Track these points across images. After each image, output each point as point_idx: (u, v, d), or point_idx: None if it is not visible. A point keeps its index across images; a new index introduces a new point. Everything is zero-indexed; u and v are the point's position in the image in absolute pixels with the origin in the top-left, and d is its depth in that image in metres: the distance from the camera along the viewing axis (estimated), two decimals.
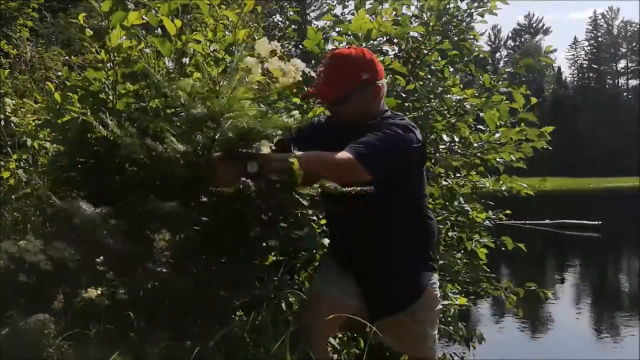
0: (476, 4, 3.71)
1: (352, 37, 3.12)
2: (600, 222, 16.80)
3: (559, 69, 71.22)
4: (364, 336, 2.57)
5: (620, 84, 73.84)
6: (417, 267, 2.11)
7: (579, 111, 64.55)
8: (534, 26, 75.75)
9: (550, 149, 3.59)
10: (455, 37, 3.74)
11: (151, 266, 1.70)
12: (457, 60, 3.71)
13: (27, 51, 4.07)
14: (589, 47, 74.63)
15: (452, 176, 3.66)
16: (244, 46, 2.15)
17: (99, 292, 1.61)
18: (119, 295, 1.63)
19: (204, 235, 1.75)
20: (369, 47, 3.07)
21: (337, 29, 3.47)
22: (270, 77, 1.77)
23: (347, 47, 2.51)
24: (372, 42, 3.18)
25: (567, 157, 51.72)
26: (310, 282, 2.58)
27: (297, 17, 5.62)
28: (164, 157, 1.68)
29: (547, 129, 3.50)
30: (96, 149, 1.91)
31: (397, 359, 2.84)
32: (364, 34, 3.03)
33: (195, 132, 1.75)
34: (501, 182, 3.63)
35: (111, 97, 2.05)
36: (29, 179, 2.55)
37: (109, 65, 2.08)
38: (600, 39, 74.35)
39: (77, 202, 1.64)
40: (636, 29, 70.49)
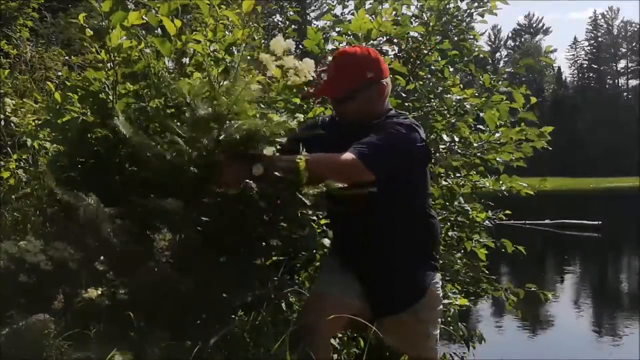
0: (476, 4, 3.72)
1: (352, 37, 3.12)
2: (600, 222, 16.80)
3: (559, 69, 71.34)
4: (366, 336, 2.57)
5: (620, 84, 73.84)
6: (419, 266, 2.11)
7: (579, 111, 64.54)
8: (534, 26, 75.77)
9: (550, 149, 3.59)
10: (455, 37, 3.74)
11: (151, 266, 1.70)
12: (457, 60, 3.71)
13: (27, 51, 4.06)
14: (589, 47, 74.64)
15: (452, 176, 3.66)
16: (244, 46, 2.16)
17: (99, 292, 1.61)
18: (119, 295, 1.63)
19: (205, 235, 1.75)
20: (369, 47, 3.07)
21: (337, 29, 3.47)
22: (270, 78, 1.77)
23: (352, 46, 2.51)
24: (372, 42, 3.18)
25: (567, 157, 51.70)
26: (310, 282, 2.58)
27: (297, 17, 5.60)
28: (172, 158, 1.68)
29: (547, 129, 3.51)
30: (96, 149, 1.92)
31: (397, 359, 2.84)
32: (364, 34, 3.03)
33: (200, 132, 1.75)
34: (501, 182, 3.64)
35: (111, 97, 2.04)
36: (29, 179, 2.55)
37: (109, 65, 2.08)
38: (600, 39, 74.33)
39: (81, 196, 1.65)
40: (636, 29, 70.56)
